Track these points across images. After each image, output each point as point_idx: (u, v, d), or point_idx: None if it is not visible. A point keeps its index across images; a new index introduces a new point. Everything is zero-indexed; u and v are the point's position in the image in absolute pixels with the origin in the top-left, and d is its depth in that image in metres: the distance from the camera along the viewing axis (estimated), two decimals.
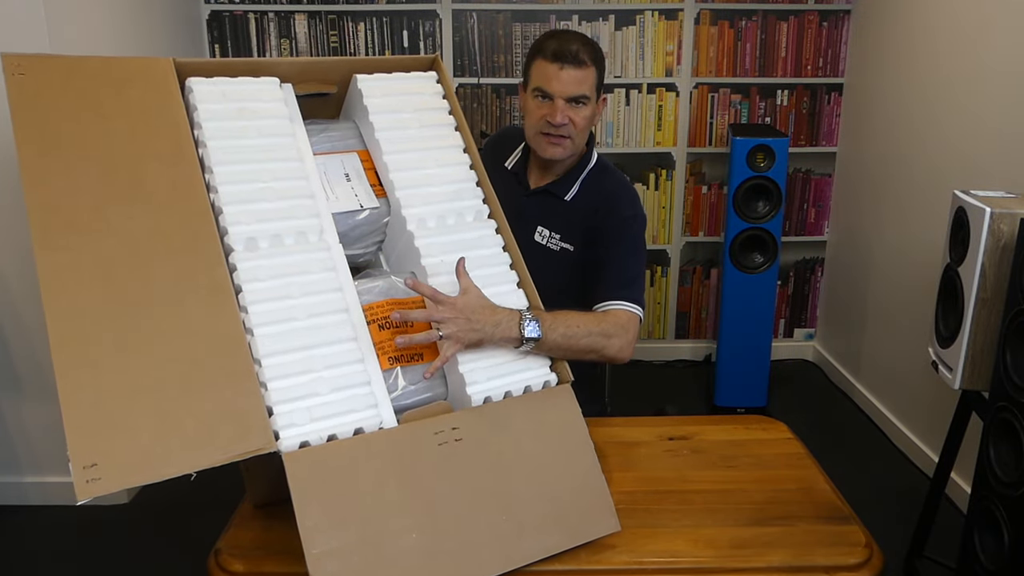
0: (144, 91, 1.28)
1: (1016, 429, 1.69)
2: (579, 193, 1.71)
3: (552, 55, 1.58)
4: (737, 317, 3.26)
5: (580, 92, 1.59)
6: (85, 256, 1.12)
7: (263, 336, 1.17)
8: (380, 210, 1.43)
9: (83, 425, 1.01)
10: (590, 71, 1.60)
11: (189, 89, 1.33)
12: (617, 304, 1.54)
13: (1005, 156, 2.40)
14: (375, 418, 1.19)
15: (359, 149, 1.48)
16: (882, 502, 2.68)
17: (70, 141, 1.20)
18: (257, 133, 1.33)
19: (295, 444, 1.11)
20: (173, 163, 1.24)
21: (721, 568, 1.21)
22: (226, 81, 1.36)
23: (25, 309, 2.52)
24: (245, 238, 1.24)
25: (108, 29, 2.66)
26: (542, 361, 1.35)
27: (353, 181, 1.43)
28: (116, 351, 1.07)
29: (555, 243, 1.70)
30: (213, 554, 1.23)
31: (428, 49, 3.49)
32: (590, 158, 1.73)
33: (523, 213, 1.70)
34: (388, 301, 1.32)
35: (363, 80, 1.48)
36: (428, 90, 1.52)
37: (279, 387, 1.15)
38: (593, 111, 1.65)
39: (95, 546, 2.49)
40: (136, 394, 1.05)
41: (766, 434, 1.58)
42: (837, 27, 3.51)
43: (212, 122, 1.30)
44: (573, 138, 1.64)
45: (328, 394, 1.18)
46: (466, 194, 1.44)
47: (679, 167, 3.66)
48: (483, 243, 1.41)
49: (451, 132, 1.50)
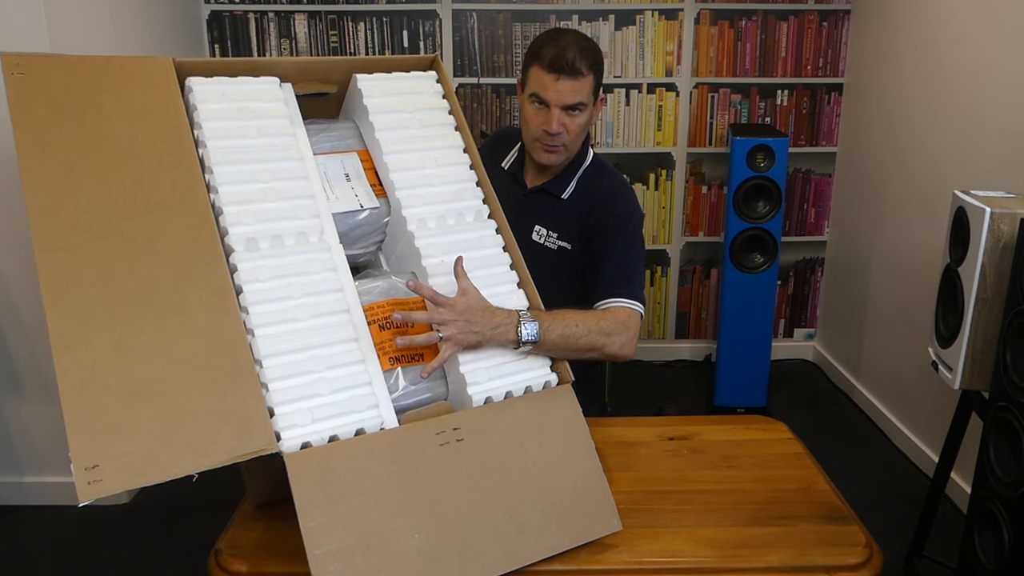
0: (144, 91, 1.27)
1: (1016, 429, 1.69)
2: (575, 191, 1.71)
3: (549, 65, 1.56)
4: (737, 317, 3.26)
5: (576, 101, 1.59)
6: (85, 258, 1.12)
7: (264, 337, 1.17)
8: (380, 210, 1.43)
9: (84, 427, 1.01)
10: (587, 79, 1.59)
11: (189, 89, 1.32)
12: (617, 302, 1.54)
13: (1005, 156, 2.40)
14: (376, 419, 1.19)
15: (359, 149, 1.48)
16: (882, 502, 2.68)
17: (70, 142, 1.19)
18: (257, 133, 1.33)
19: (297, 445, 1.12)
20: (173, 164, 1.24)
21: (721, 568, 1.21)
22: (226, 81, 1.36)
23: (25, 309, 2.52)
24: (246, 239, 1.23)
25: (108, 29, 2.66)
26: (543, 361, 1.35)
27: (353, 181, 1.43)
28: (117, 353, 1.07)
29: (552, 242, 1.71)
30: (213, 554, 1.23)
31: (428, 49, 3.49)
32: (585, 156, 1.74)
33: (520, 213, 1.70)
34: (389, 301, 1.32)
35: (363, 80, 1.48)
36: (428, 90, 1.52)
37: (280, 388, 1.15)
38: (590, 115, 1.65)
39: (95, 546, 2.49)
40: (137, 396, 1.05)
41: (766, 434, 1.58)
42: (837, 27, 3.52)
43: (212, 122, 1.30)
44: (568, 145, 1.65)
45: (329, 395, 1.18)
46: (466, 194, 1.44)
47: (679, 167, 3.66)
48: (483, 243, 1.41)
49: (451, 132, 1.50)
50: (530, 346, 1.31)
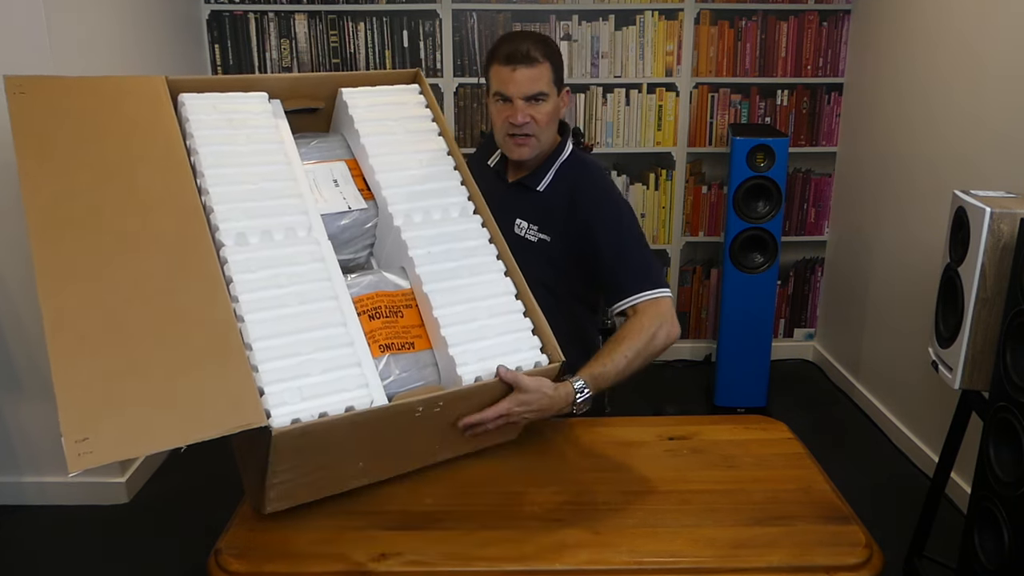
0: (138, 106, 1.34)
1: (1016, 429, 1.69)
2: (552, 183, 1.74)
3: (505, 58, 1.62)
4: (737, 317, 3.26)
5: (536, 90, 1.63)
6: (79, 249, 1.16)
7: (254, 322, 1.20)
8: (368, 212, 1.47)
9: (75, 401, 1.03)
10: (543, 67, 1.63)
11: (181, 103, 1.39)
12: (643, 296, 1.60)
13: (1005, 156, 2.40)
14: (366, 397, 1.22)
15: (347, 159, 1.54)
16: (882, 502, 2.68)
17: (67, 151, 1.25)
18: (247, 139, 1.39)
19: (287, 421, 1.14)
20: (166, 169, 1.29)
21: (721, 568, 1.20)
22: (217, 96, 1.43)
23: (24, 310, 2.52)
24: (235, 233, 1.28)
25: (108, 29, 2.66)
26: (533, 342, 1.39)
27: (341, 186, 1.48)
28: (108, 333, 1.11)
29: (533, 234, 1.73)
30: (213, 554, 1.23)
31: (428, 49, 3.49)
32: (563, 149, 1.76)
33: (503, 207, 1.72)
34: (377, 293, 1.37)
35: (349, 93, 1.55)
36: (411, 100, 1.61)
37: (270, 369, 1.17)
38: (555, 105, 1.68)
39: (95, 546, 2.48)
40: (128, 374, 1.08)
41: (766, 434, 1.58)
42: (837, 27, 3.51)
43: (203, 130, 1.36)
44: (537, 135, 1.67)
45: (319, 375, 1.21)
46: (451, 192, 1.50)
47: (679, 167, 3.66)
48: (468, 235, 1.47)
49: (434, 137, 1.57)
50: (589, 401, 1.46)
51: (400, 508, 1.32)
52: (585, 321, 1.81)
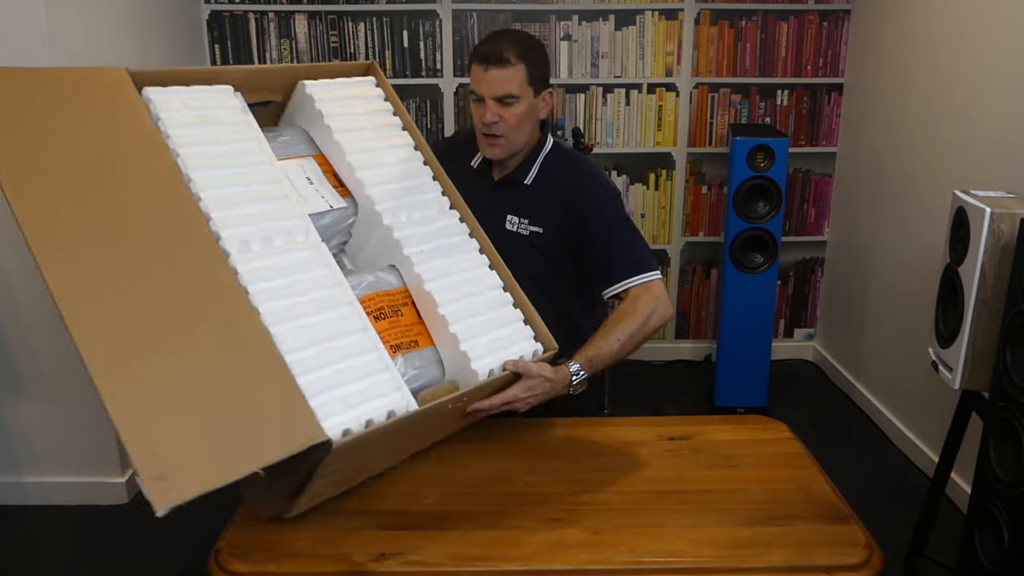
0: (107, 101, 1.27)
1: (1016, 429, 1.68)
2: (539, 175, 1.74)
3: (481, 58, 1.63)
4: (737, 317, 3.26)
5: (505, 91, 1.62)
6: (94, 270, 1.10)
7: (280, 334, 1.19)
8: (347, 210, 1.47)
9: (142, 440, 1.00)
10: (516, 68, 1.62)
11: (147, 99, 1.31)
12: (633, 281, 1.65)
13: (1005, 156, 2.40)
14: (402, 400, 1.25)
15: (314, 154, 1.51)
16: (882, 502, 2.68)
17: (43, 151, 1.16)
18: (225, 139, 1.35)
19: (338, 432, 1.15)
20: (155, 171, 1.24)
21: (721, 568, 1.20)
22: (182, 90, 1.36)
23: (24, 310, 2.52)
24: (239, 241, 1.25)
25: (108, 29, 2.66)
26: (527, 332, 1.47)
27: (316, 184, 1.47)
28: (155, 368, 1.06)
29: (525, 228, 1.73)
30: (213, 554, 1.23)
31: (428, 49, 3.49)
32: (544, 143, 1.76)
33: (492, 205, 1.73)
34: (378, 293, 1.38)
35: (312, 86, 1.53)
36: (371, 94, 1.61)
37: (308, 381, 1.17)
38: (529, 107, 1.66)
39: (95, 546, 2.48)
40: (180, 400, 1.05)
41: (766, 434, 1.58)
42: (837, 27, 3.51)
43: (179, 130, 1.30)
44: (507, 136, 1.67)
45: (356, 382, 1.22)
46: (426, 188, 1.54)
47: (679, 167, 3.66)
48: (451, 231, 1.50)
49: (400, 131, 1.58)
50: (585, 383, 1.51)
51: (400, 508, 1.32)
52: (583, 314, 1.80)
